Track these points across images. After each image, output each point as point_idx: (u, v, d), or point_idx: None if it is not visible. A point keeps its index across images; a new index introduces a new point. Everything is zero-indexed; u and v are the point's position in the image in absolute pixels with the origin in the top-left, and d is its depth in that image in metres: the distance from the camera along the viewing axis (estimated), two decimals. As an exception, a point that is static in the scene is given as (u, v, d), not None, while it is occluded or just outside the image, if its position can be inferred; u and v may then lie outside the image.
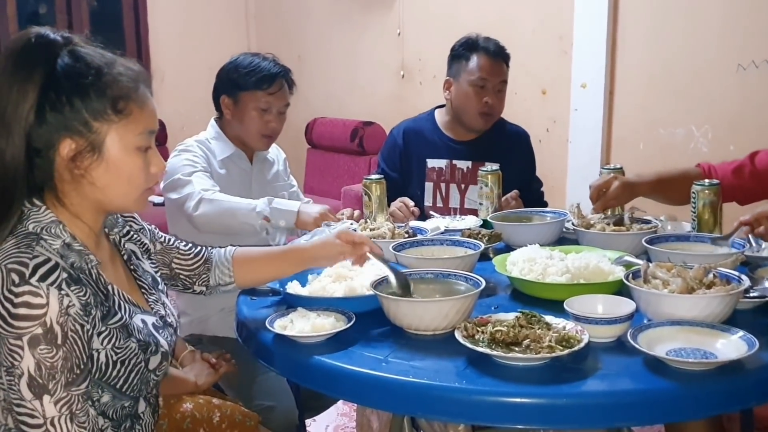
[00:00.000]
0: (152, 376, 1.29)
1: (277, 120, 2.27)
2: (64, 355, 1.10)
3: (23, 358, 1.08)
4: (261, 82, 2.21)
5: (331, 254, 1.55)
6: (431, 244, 1.82)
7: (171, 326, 1.37)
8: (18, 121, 1.15)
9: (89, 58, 1.19)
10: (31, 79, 1.15)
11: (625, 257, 1.63)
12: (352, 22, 5.06)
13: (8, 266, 1.10)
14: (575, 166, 3.75)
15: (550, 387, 1.17)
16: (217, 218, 2.04)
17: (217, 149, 2.27)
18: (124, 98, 1.20)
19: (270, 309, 1.55)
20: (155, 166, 1.26)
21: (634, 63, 3.50)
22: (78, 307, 1.12)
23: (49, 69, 1.16)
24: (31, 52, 1.17)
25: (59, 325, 1.10)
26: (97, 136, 1.19)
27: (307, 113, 5.36)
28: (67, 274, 1.13)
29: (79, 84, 1.17)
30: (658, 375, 1.19)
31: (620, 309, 1.35)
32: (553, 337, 1.24)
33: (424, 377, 1.20)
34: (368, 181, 2.16)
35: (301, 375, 1.37)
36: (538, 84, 3.91)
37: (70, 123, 1.17)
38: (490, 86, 2.44)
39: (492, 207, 2.22)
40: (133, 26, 5.57)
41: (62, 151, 1.18)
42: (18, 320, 1.08)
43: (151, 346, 1.27)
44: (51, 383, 1.10)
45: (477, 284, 1.44)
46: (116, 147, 1.20)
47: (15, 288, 1.08)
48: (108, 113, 1.19)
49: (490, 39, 2.48)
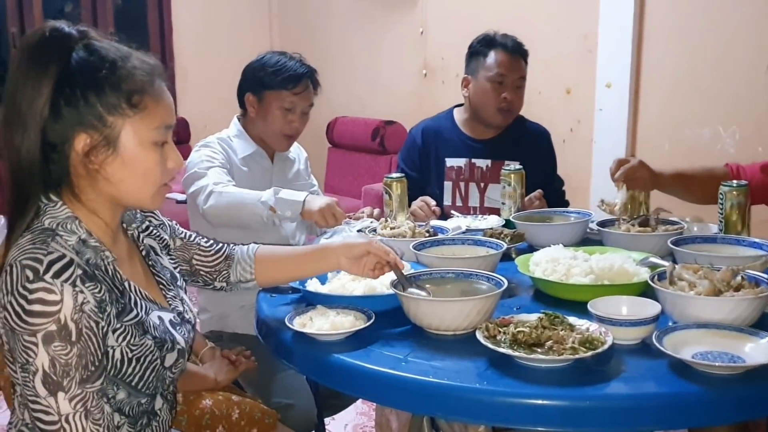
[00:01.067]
0: (168, 373, 1.28)
1: (300, 120, 2.26)
2: (79, 352, 1.10)
3: (38, 355, 1.08)
4: (286, 82, 2.20)
5: (356, 254, 1.48)
6: (452, 244, 1.80)
7: (189, 323, 1.36)
8: (33, 117, 1.14)
9: (104, 52, 1.18)
10: (45, 74, 1.14)
11: (651, 258, 1.61)
12: (374, 20, 5.05)
13: (23, 262, 1.09)
14: (599, 166, 3.70)
15: (573, 389, 1.15)
16: (225, 210, 2.03)
17: (238, 147, 2.27)
18: (139, 92, 1.18)
19: (290, 306, 1.54)
20: (172, 161, 1.25)
21: (659, 62, 3.45)
22: (93, 304, 1.11)
23: (63, 63, 1.15)
24: (46, 46, 1.16)
25: (73, 322, 1.09)
26: (112, 130, 1.17)
27: (328, 112, 5.35)
28: (81, 271, 1.12)
29: (93, 78, 1.16)
30: (684, 378, 1.17)
31: (645, 311, 1.32)
32: (576, 339, 1.21)
33: (444, 377, 1.18)
34: (389, 180, 2.15)
35: (320, 373, 1.36)
36: (562, 83, 3.87)
37: (84, 117, 1.16)
38: (509, 82, 2.42)
39: (515, 207, 2.19)
40: (157, 25, 5.61)
41: (77, 145, 1.17)
42: (32, 317, 1.07)
43: (167, 344, 1.26)
44: (65, 380, 1.09)
45: (499, 284, 1.42)
46: (132, 141, 1.19)
47: (29, 284, 1.08)
48: (123, 107, 1.17)
49: (507, 35, 2.46)
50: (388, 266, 1.47)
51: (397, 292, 1.39)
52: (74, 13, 5.32)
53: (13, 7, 5.00)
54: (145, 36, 5.58)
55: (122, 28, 5.51)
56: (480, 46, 2.46)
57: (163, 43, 5.60)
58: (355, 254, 1.48)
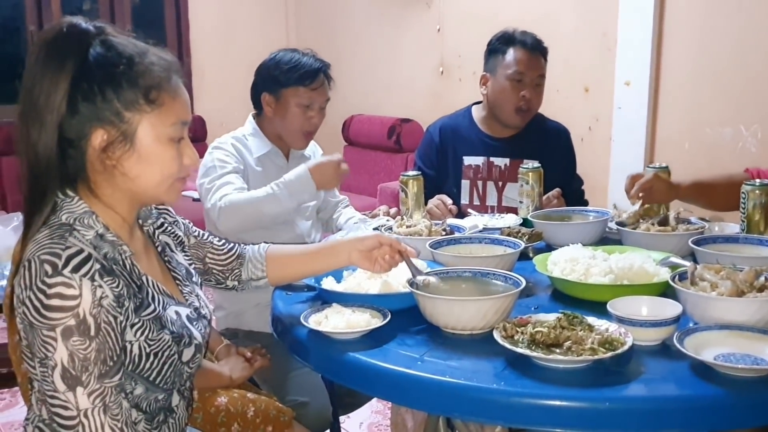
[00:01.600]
0: (186, 368, 1.28)
1: (319, 116, 2.26)
2: (97, 347, 1.10)
3: (56, 350, 1.08)
4: (303, 78, 2.19)
5: (367, 246, 1.47)
6: (469, 242, 1.79)
7: (205, 318, 1.36)
8: (50, 112, 1.14)
9: (121, 48, 1.18)
10: (63, 69, 1.14)
11: (671, 258, 1.58)
12: (391, 18, 5.04)
13: (41, 257, 1.10)
14: (618, 165, 3.67)
15: (592, 390, 1.13)
16: (241, 224, 2.04)
17: (253, 146, 2.26)
18: (156, 88, 1.19)
19: (305, 304, 1.53)
20: (188, 157, 1.25)
21: (680, 60, 3.41)
22: (111, 299, 1.11)
23: (81, 59, 1.15)
24: (63, 41, 1.16)
25: (92, 317, 1.09)
26: (129, 126, 1.17)
27: (344, 110, 5.35)
28: (99, 265, 1.12)
29: (110, 73, 1.16)
30: (706, 381, 1.14)
31: (666, 311, 1.30)
32: (595, 339, 1.19)
33: (461, 377, 1.17)
34: (405, 178, 2.13)
35: (335, 371, 1.35)
36: (580, 81, 3.84)
37: (101, 113, 1.16)
38: (528, 80, 2.39)
39: (533, 205, 2.17)
40: (174, 23, 5.63)
41: (94, 141, 1.17)
42: (51, 311, 1.07)
43: (185, 338, 1.26)
44: (84, 375, 1.09)
45: (517, 284, 1.40)
46: (148, 137, 1.19)
47: (48, 279, 1.08)
48: (140, 103, 1.17)
49: (527, 33, 2.43)
50: (400, 255, 1.47)
51: (413, 290, 1.38)
52: (92, 10, 5.35)
53: (31, 5, 5.04)
54: (162, 34, 5.60)
55: (139, 26, 5.54)
56: (499, 44, 2.43)
57: (180, 41, 5.63)
58: (367, 246, 1.48)
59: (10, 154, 4.70)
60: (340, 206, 2.50)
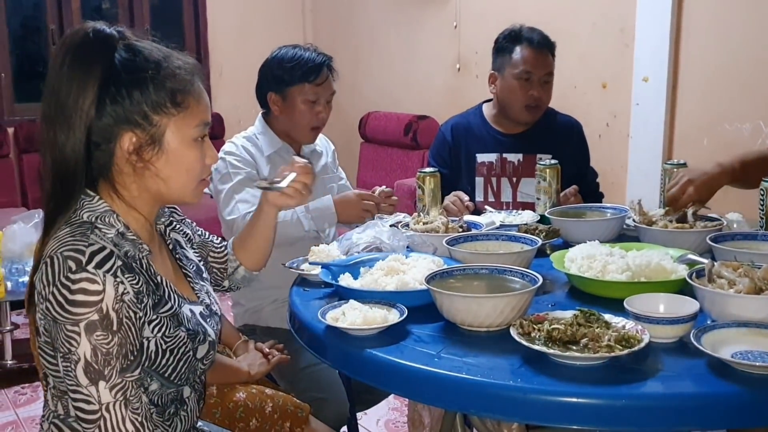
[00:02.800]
0: (200, 365, 1.30)
1: (326, 110, 2.26)
2: (119, 342, 1.12)
3: (80, 344, 1.10)
4: (307, 75, 2.20)
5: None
6: (486, 239, 1.79)
7: (216, 314, 1.39)
8: (79, 115, 1.17)
9: (147, 52, 1.21)
10: (90, 74, 1.17)
11: (689, 255, 1.57)
12: (407, 14, 5.03)
13: (65, 254, 1.12)
14: (636, 162, 3.65)
15: (608, 387, 1.14)
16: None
17: (264, 145, 2.27)
18: (182, 91, 1.22)
19: (322, 301, 1.54)
20: (210, 157, 1.29)
21: (698, 55, 3.38)
22: (131, 295, 1.14)
23: (107, 63, 1.18)
24: (90, 46, 1.19)
25: (115, 312, 1.11)
26: (158, 129, 1.21)
27: (361, 107, 5.36)
28: (121, 262, 1.14)
29: (139, 78, 1.19)
30: (723, 378, 1.14)
31: (683, 308, 1.30)
32: (612, 337, 1.19)
33: (477, 374, 1.17)
34: (422, 174, 2.14)
35: (352, 367, 1.36)
36: (598, 77, 3.82)
37: (131, 116, 1.19)
38: (536, 78, 2.38)
39: (550, 202, 2.17)
40: (192, 21, 5.67)
41: (123, 143, 1.20)
42: (75, 306, 1.10)
43: (200, 335, 1.28)
44: (107, 369, 1.11)
45: (534, 281, 1.40)
46: (176, 139, 1.23)
47: (72, 275, 1.10)
48: (167, 106, 1.21)
49: (534, 29, 2.42)
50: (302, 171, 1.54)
51: (430, 287, 1.38)
52: (111, 10, 5.40)
53: (52, 4, 5.09)
54: (180, 33, 5.64)
55: (158, 24, 5.58)
56: (506, 42, 2.43)
57: (198, 40, 5.66)
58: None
59: (30, 151, 4.76)
60: None
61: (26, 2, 5.19)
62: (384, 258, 1.64)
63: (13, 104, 5.05)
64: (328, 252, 1.73)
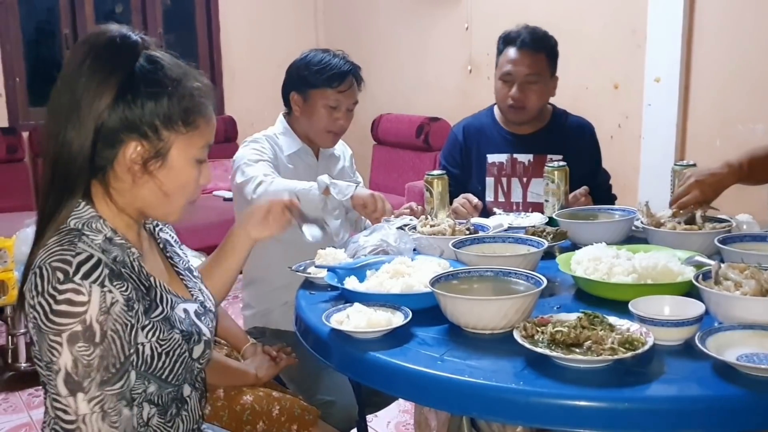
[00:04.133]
0: (196, 364, 1.31)
1: (346, 117, 2.26)
2: (101, 354, 1.12)
3: (61, 355, 1.10)
4: (331, 80, 2.20)
5: (259, 217, 1.52)
6: (492, 242, 1.78)
7: (211, 312, 1.39)
8: (92, 115, 1.17)
9: (168, 67, 1.22)
10: (111, 77, 1.18)
11: (696, 257, 1.56)
12: (419, 16, 5.04)
13: (53, 264, 1.12)
14: (648, 163, 3.63)
15: (612, 390, 1.13)
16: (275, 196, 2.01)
17: (284, 144, 2.28)
18: (195, 112, 1.23)
19: (328, 303, 1.55)
20: (204, 177, 1.29)
21: (711, 55, 3.36)
22: (121, 303, 1.14)
23: (129, 70, 1.19)
24: (115, 51, 1.20)
25: (98, 324, 1.11)
26: (165, 144, 1.21)
27: (373, 109, 5.36)
28: (109, 270, 1.14)
29: (157, 91, 1.19)
30: (728, 381, 1.13)
31: (688, 311, 1.29)
32: (615, 339, 1.19)
33: (480, 377, 1.17)
34: (430, 177, 2.14)
35: (356, 371, 1.36)
36: (610, 78, 3.80)
37: (141, 126, 1.19)
38: (516, 80, 2.37)
39: (558, 204, 2.16)
40: (205, 24, 5.70)
41: (127, 151, 1.20)
42: (59, 316, 1.10)
43: (194, 336, 1.28)
44: (86, 381, 1.11)
45: (538, 283, 1.40)
46: (180, 157, 1.23)
47: (59, 285, 1.10)
48: (179, 124, 1.21)
49: (527, 29, 2.40)
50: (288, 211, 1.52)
51: (434, 290, 1.38)
52: (125, 13, 5.43)
53: (65, 9, 5.14)
54: (193, 36, 5.67)
55: (171, 28, 5.62)
56: (499, 43, 2.45)
57: (211, 43, 5.69)
58: (258, 218, 1.52)
59: (45, 155, 4.78)
60: None
61: (40, 7, 5.23)
62: (390, 261, 1.64)
63: (27, 108, 5.09)
64: (334, 255, 1.73)
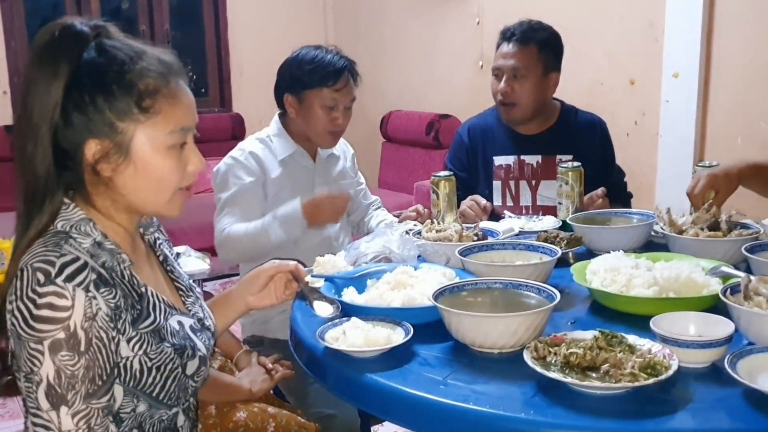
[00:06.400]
0: (190, 382, 1.21)
1: (344, 116, 2.16)
2: (87, 364, 1.03)
3: (43, 365, 1.01)
4: (326, 79, 2.10)
5: (260, 284, 1.44)
6: (502, 248, 1.67)
7: (209, 330, 1.30)
8: (45, 123, 1.08)
9: (113, 52, 1.10)
10: (56, 77, 1.07)
11: (722, 267, 1.45)
12: (429, 12, 4.93)
13: (34, 265, 1.03)
14: (666, 161, 3.50)
15: (632, 421, 1.02)
16: (240, 256, 2.12)
17: (278, 147, 2.18)
18: (150, 95, 1.11)
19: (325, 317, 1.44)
20: (192, 164, 1.17)
21: (731, 49, 3.22)
22: (104, 311, 1.05)
23: (74, 65, 1.08)
24: (57, 45, 1.09)
25: (83, 331, 1.02)
26: (123, 136, 1.10)
27: (383, 106, 5.27)
28: (96, 275, 1.05)
29: (101, 81, 1.09)
30: (761, 411, 1.02)
31: (716, 330, 1.18)
32: (636, 363, 1.08)
33: (486, 404, 1.06)
34: (436, 178, 2.03)
35: (351, 393, 1.25)
36: (626, 73, 3.67)
37: (94, 124, 1.09)
38: (503, 74, 2.27)
39: (572, 207, 2.05)
40: (212, 21, 5.62)
41: (87, 153, 1.10)
42: (40, 322, 1.01)
43: (188, 350, 1.19)
44: (70, 393, 1.02)
45: (551, 297, 1.29)
46: (145, 148, 1.12)
47: (39, 288, 1.01)
48: (133, 112, 1.10)
49: (521, 23, 2.30)
50: (295, 279, 1.43)
51: (437, 304, 1.27)
52: (131, 10, 5.36)
53: (71, 5, 5.07)
54: (200, 32, 5.60)
55: (178, 25, 5.54)
56: (498, 39, 2.35)
57: (219, 40, 5.62)
58: (258, 286, 1.44)
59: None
60: (372, 209, 2.42)
61: (45, 3, 5.18)
62: (392, 270, 1.54)
63: (32, 106, 5.03)
64: (333, 263, 1.63)
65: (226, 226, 2.04)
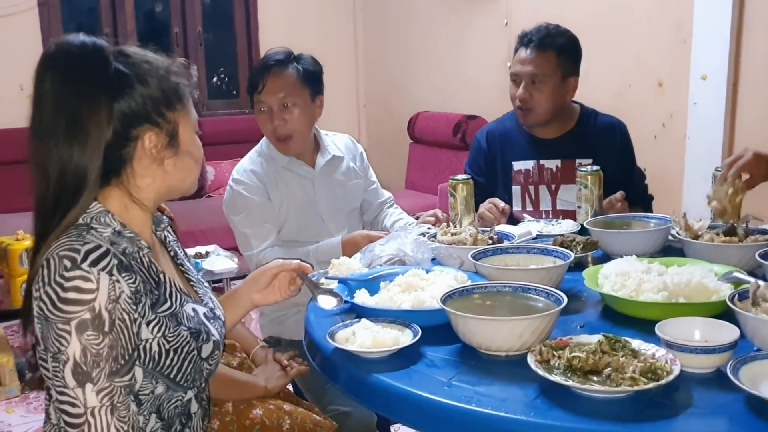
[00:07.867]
0: (205, 365, 1.28)
1: (281, 118, 2.13)
2: (110, 343, 1.10)
3: (70, 344, 1.08)
4: (253, 88, 2.15)
5: (264, 282, 1.50)
6: (516, 252, 1.68)
7: (220, 319, 1.37)
8: (94, 128, 1.16)
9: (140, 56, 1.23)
10: (97, 87, 1.17)
11: (735, 273, 1.44)
12: (457, 12, 4.93)
13: (60, 254, 1.11)
14: (693, 164, 3.47)
15: (632, 425, 1.03)
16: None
17: (277, 156, 2.21)
18: (183, 89, 1.26)
19: (337, 317, 1.47)
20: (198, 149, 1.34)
21: (761, 51, 3.18)
22: (127, 294, 1.12)
23: (109, 73, 1.18)
24: (85, 61, 1.18)
25: (107, 312, 1.09)
26: (173, 125, 1.24)
27: (410, 107, 5.28)
28: (117, 261, 1.13)
29: (146, 78, 1.20)
30: (763, 418, 1.02)
31: (721, 335, 1.18)
32: (638, 367, 1.09)
33: (489, 406, 1.08)
34: (454, 182, 2.05)
35: (360, 392, 1.27)
36: (653, 75, 3.64)
37: (149, 115, 1.20)
38: (521, 80, 2.27)
39: (591, 210, 2.05)
40: (244, 23, 5.68)
41: (144, 143, 1.20)
42: (67, 304, 1.08)
43: (203, 334, 1.26)
44: (95, 371, 1.09)
45: (558, 301, 1.30)
46: (186, 132, 1.27)
47: (66, 273, 1.09)
48: (173, 102, 1.24)
49: (539, 27, 2.28)
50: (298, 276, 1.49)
51: (445, 307, 1.30)
52: (164, 12, 5.45)
53: (106, 9, 5.17)
54: (232, 34, 5.67)
55: (210, 26, 5.62)
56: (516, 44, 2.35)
57: (250, 41, 5.68)
58: (265, 282, 1.50)
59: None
60: (385, 207, 2.43)
61: (81, 7, 5.29)
62: (405, 272, 1.56)
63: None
64: (348, 265, 1.66)
65: (260, 248, 2.10)
